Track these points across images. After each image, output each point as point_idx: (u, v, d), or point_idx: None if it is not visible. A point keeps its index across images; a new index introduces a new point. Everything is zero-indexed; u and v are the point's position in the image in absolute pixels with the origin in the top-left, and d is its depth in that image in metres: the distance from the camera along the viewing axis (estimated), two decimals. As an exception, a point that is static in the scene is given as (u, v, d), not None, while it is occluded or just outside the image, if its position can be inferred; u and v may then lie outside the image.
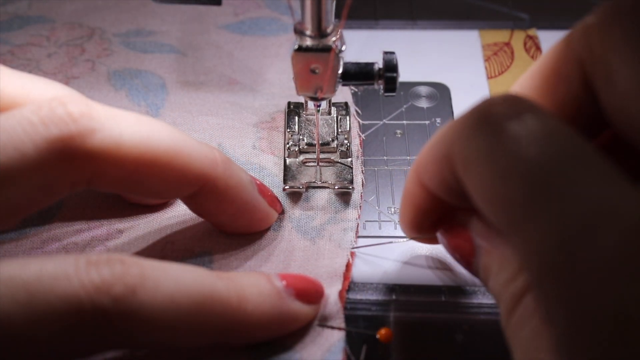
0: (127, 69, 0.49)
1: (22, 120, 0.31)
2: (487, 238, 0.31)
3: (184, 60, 0.50)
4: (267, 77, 0.49)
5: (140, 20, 0.52)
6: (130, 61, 0.49)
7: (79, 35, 0.51)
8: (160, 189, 0.35)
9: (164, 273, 0.30)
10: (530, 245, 0.24)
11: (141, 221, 0.40)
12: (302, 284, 0.35)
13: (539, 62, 0.32)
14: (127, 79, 0.48)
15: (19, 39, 0.51)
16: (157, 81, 0.48)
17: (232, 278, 0.32)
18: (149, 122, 0.34)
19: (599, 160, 0.24)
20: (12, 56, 0.49)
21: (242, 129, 0.45)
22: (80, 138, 0.31)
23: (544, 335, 0.26)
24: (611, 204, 0.23)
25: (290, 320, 0.34)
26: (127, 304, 0.28)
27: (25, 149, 0.30)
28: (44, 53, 0.50)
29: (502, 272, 0.29)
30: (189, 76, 0.49)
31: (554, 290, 0.23)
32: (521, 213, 0.25)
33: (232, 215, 0.37)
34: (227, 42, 0.51)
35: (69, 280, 0.27)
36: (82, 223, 0.40)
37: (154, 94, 0.47)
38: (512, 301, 0.28)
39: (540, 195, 0.24)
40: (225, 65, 0.49)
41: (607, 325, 0.22)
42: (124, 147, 0.32)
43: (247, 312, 0.32)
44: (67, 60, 0.49)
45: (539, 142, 0.25)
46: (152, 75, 0.48)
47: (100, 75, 0.48)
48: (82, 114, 0.32)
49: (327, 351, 0.35)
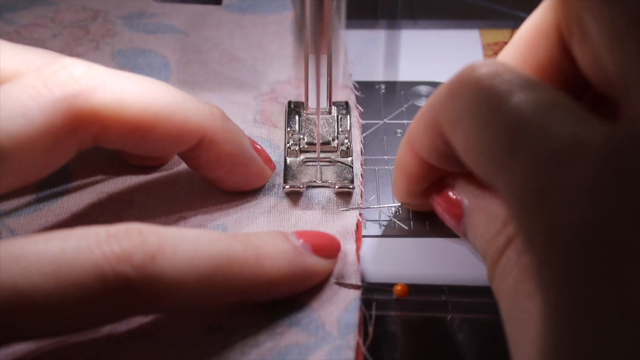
0: (130, 48, 0.50)
1: (26, 86, 0.32)
2: (474, 197, 0.33)
3: (186, 40, 0.51)
4: (267, 53, 0.50)
5: (143, 3, 0.54)
6: (133, 41, 0.50)
7: (83, 18, 0.52)
8: (163, 144, 0.36)
9: (181, 238, 0.31)
10: (511, 185, 0.26)
11: (150, 192, 0.41)
12: (318, 239, 0.36)
13: (520, 31, 0.34)
14: (130, 57, 0.49)
15: (25, 19, 0.52)
16: (160, 60, 0.49)
17: (248, 238, 0.33)
18: (149, 80, 0.35)
19: (570, 104, 0.26)
20: (17, 35, 0.51)
21: (243, 103, 0.46)
22: (84, 96, 0.33)
23: (525, 282, 0.28)
24: (581, 139, 0.24)
25: (309, 275, 0.35)
26: (147, 270, 0.29)
27: (32, 115, 0.31)
28: (49, 33, 0.51)
29: (488, 229, 0.31)
30: (191, 55, 0.50)
31: (532, 221, 0.25)
32: (502, 158, 0.26)
33: (229, 170, 0.39)
34: (228, 21, 0.52)
35: (91, 252, 0.29)
36: (93, 196, 0.41)
37: (157, 72, 0.48)
38: (496, 254, 0.30)
39: (517, 140, 0.26)
40: (226, 44, 0.51)
41: (578, 246, 0.23)
42: (127, 103, 0.34)
43: (265, 270, 0.32)
44: (72, 40, 0.51)
45: (515, 94, 0.27)
46: (156, 54, 0.50)
47: (105, 54, 0.49)
48: (83, 74, 0.33)
49: (344, 310, 0.35)
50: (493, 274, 0.30)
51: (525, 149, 0.26)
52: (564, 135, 0.25)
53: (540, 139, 0.25)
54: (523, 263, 0.28)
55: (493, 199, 0.32)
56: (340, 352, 0.34)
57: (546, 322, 0.24)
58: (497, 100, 0.27)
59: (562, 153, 0.24)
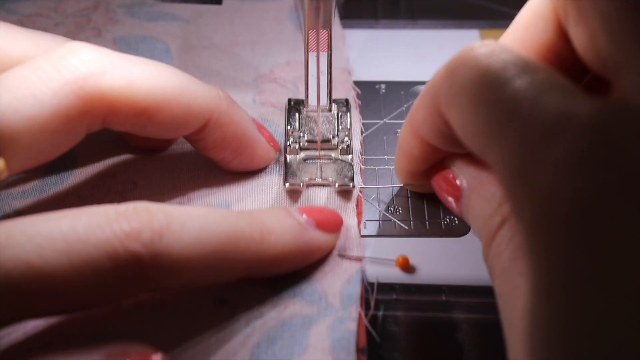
0: (132, 35, 0.51)
1: (36, 69, 0.33)
2: (472, 178, 0.34)
3: (187, 28, 0.52)
4: (266, 37, 0.51)
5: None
6: (135, 29, 0.52)
7: (85, 7, 0.53)
8: (170, 126, 0.36)
9: (188, 216, 0.31)
10: (501, 159, 0.27)
11: (154, 173, 0.42)
12: (321, 214, 0.37)
13: (520, 14, 0.34)
14: (132, 43, 0.50)
15: (27, 10, 0.53)
16: (161, 46, 0.50)
17: (253, 214, 0.34)
18: (156, 63, 0.36)
19: (563, 82, 0.27)
20: (20, 25, 0.52)
21: (242, 85, 0.47)
22: (93, 79, 0.33)
23: (518, 260, 0.28)
24: (569, 113, 0.25)
25: (313, 249, 0.36)
26: (156, 247, 0.30)
27: (42, 97, 0.32)
28: (52, 23, 0.52)
29: (483, 209, 0.32)
30: (192, 41, 0.51)
31: (520, 195, 0.25)
32: (493, 133, 0.27)
33: (235, 151, 0.39)
34: (228, 9, 0.54)
35: (102, 230, 0.29)
36: (97, 178, 0.41)
37: (158, 58, 0.49)
38: (491, 233, 0.30)
39: (509, 115, 0.27)
40: (226, 30, 0.52)
41: (564, 218, 0.23)
42: (135, 85, 0.34)
43: (270, 245, 0.33)
44: (74, 28, 0.52)
45: (509, 72, 0.28)
46: (157, 41, 0.51)
47: (107, 41, 0.51)
48: (92, 58, 0.34)
49: (347, 282, 0.36)
50: (487, 253, 0.31)
51: (515, 124, 0.26)
52: (552, 109, 0.25)
53: (529, 114, 0.26)
54: (516, 241, 0.29)
55: (490, 179, 0.33)
56: (342, 323, 0.34)
57: (534, 296, 0.25)
58: (492, 78, 0.28)
59: (549, 126, 0.25)
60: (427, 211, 0.41)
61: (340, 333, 0.34)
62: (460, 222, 0.40)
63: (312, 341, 0.34)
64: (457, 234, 0.40)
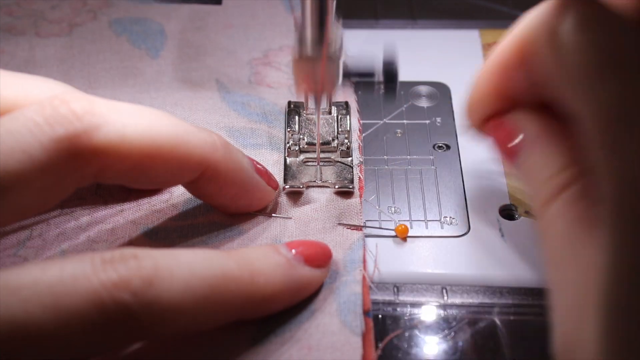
0: (127, 17, 0.52)
1: (27, 122, 0.31)
2: (533, 136, 0.33)
3: (181, 9, 0.53)
4: (260, 21, 0.52)
5: None
6: (130, 11, 0.53)
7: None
8: (164, 177, 0.36)
9: (176, 261, 0.30)
10: (596, 109, 0.26)
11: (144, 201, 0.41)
12: (309, 249, 0.35)
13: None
14: (127, 25, 0.51)
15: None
16: (156, 27, 0.51)
17: (241, 254, 0.33)
18: (149, 113, 0.35)
19: None
20: (18, 7, 0.53)
21: (237, 66, 0.48)
22: (86, 135, 0.32)
23: (578, 228, 0.28)
24: None
25: (303, 286, 0.35)
26: (145, 295, 0.29)
27: (33, 151, 0.31)
28: (48, 5, 0.53)
29: (543, 170, 0.32)
30: (187, 23, 0.52)
31: (610, 154, 0.25)
32: (596, 77, 0.26)
33: (233, 197, 0.38)
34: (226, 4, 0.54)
35: (88, 280, 0.28)
36: (83, 210, 0.40)
37: (153, 38, 0.50)
38: (548, 196, 0.30)
39: (617, 62, 0.26)
40: (219, 13, 0.53)
41: None
42: (128, 140, 0.33)
43: (260, 286, 0.32)
44: (70, 11, 0.53)
45: (624, 22, 0.28)
46: (152, 22, 0.52)
47: (102, 23, 0.52)
48: (85, 111, 0.32)
49: (349, 249, 0.38)
50: (542, 215, 0.30)
51: (623, 71, 0.25)
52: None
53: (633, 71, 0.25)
54: (579, 209, 0.28)
55: (553, 141, 0.32)
56: (347, 286, 0.36)
57: (613, 272, 0.24)
58: (609, 23, 0.28)
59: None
60: (427, 211, 0.41)
61: (346, 296, 0.35)
62: (460, 222, 0.40)
63: (318, 306, 0.35)
64: (457, 234, 0.40)
